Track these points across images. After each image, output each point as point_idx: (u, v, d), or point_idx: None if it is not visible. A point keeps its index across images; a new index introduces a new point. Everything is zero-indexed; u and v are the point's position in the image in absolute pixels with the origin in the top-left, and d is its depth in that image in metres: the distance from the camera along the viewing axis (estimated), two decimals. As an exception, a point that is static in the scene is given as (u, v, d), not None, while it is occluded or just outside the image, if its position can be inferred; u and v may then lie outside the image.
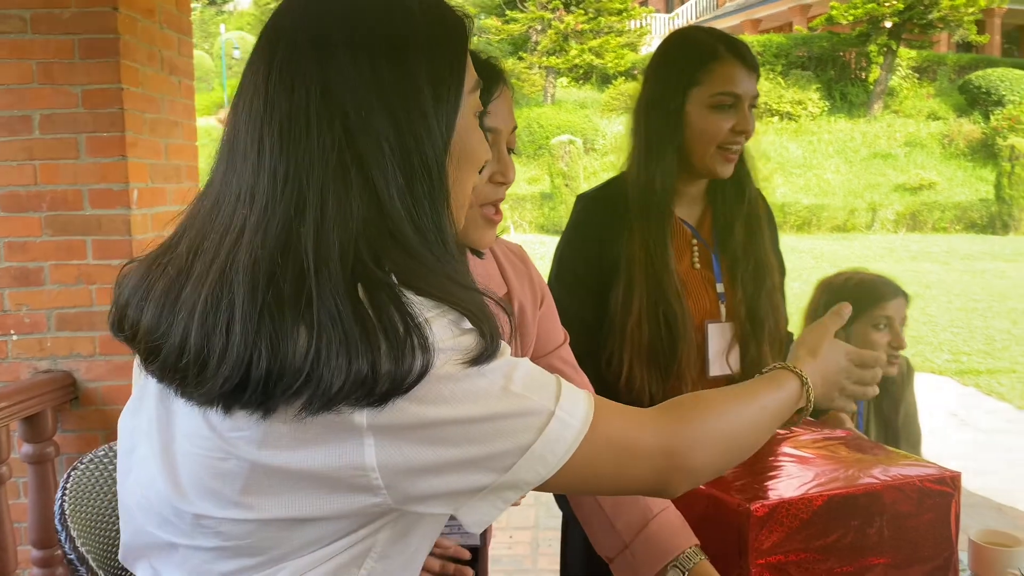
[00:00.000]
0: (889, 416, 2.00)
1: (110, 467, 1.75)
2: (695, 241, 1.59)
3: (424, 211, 0.74)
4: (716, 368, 1.56)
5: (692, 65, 1.50)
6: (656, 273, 1.50)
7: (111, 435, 2.55)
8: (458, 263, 0.78)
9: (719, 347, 1.55)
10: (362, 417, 0.68)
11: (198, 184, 3.03)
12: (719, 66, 1.48)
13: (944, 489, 1.23)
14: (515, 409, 0.73)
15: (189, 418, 0.74)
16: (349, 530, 0.74)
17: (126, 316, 0.79)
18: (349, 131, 0.72)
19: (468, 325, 0.72)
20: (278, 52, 0.74)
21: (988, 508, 3.76)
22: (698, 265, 1.58)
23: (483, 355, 0.72)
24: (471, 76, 0.82)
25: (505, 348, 0.75)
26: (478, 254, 1.18)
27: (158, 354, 0.73)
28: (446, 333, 0.71)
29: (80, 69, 2.49)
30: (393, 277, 0.71)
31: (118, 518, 1.70)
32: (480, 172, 0.87)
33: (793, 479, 1.21)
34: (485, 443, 0.72)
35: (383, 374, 0.66)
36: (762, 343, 1.56)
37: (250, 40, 27.86)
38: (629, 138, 1.59)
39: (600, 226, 1.56)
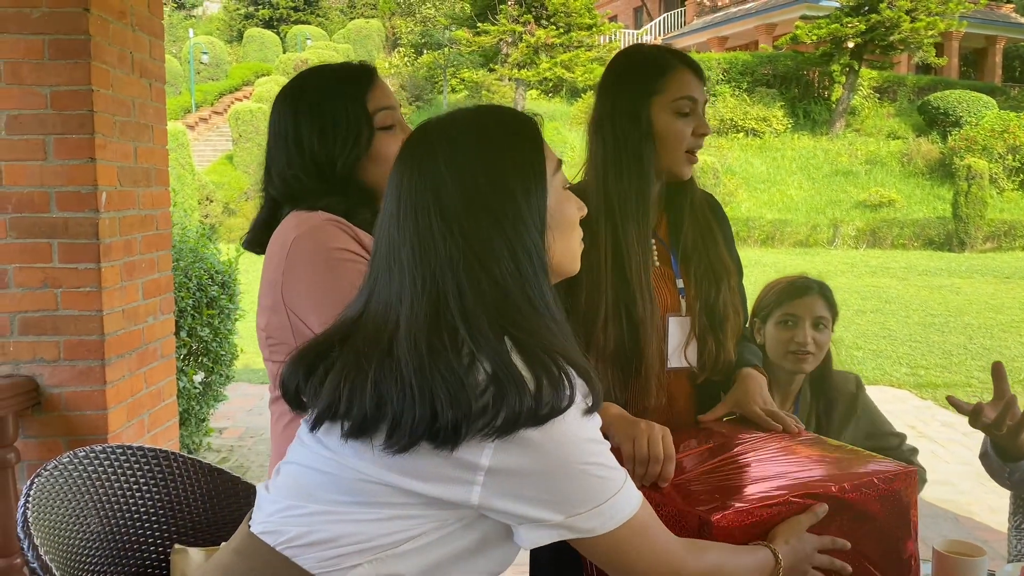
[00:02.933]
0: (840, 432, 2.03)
1: (74, 474, 1.73)
2: (654, 241, 1.65)
3: (532, 284, 0.97)
4: (674, 360, 1.60)
5: (651, 75, 1.58)
6: (626, 273, 1.55)
7: (74, 441, 2.51)
8: (564, 325, 0.99)
9: (678, 340, 1.60)
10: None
11: (168, 188, 3.00)
12: (675, 75, 1.57)
13: (903, 482, 1.26)
14: (604, 471, 0.96)
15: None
16: (435, 508, 0.95)
17: (302, 397, 1.02)
18: (464, 237, 0.95)
19: (585, 381, 0.95)
20: (402, 185, 1.00)
21: (945, 519, 3.84)
22: (658, 263, 1.64)
23: (592, 408, 0.96)
24: (552, 161, 1.04)
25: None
26: None
27: (338, 418, 0.96)
28: (580, 384, 0.95)
29: (49, 70, 2.45)
30: (523, 335, 0.93)
31: (81, 526, 1.68)
32: (367, 147, 1.19)
33: (755, 483, 1.24)
34: (572, 487, 0.94)
35: (545, 402, 0.90)
36: (723, 339, 1.62)
37: (219, 45, 27.63)
38: (590, 149, 1.64)
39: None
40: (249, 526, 1.06)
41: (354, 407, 0.94)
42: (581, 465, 0.94)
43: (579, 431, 0.94)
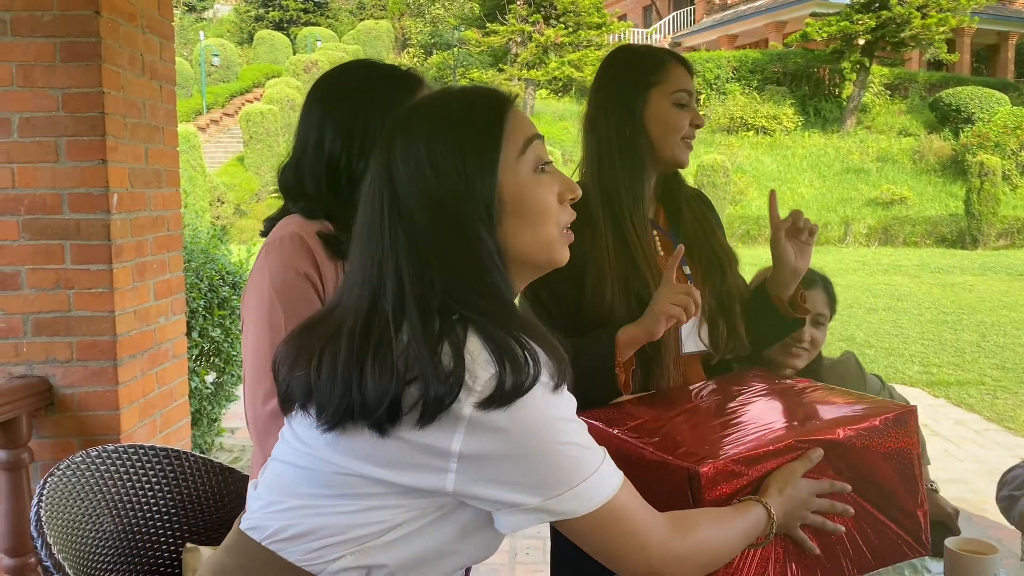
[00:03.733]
0: None
1: (87, 474, 1.74)
2: (655, 232, 1.68)
3: (484, 272, 0.95)
4: (689, 344, 1.63)
5: (649, 69, 1.63)
6: (631, 258, 1.58)
7: (87, 441, 2.53)
8: (524, 310, 0.97)
9: (689, 325, 1.61)
10: (472, 414, 0.89)
11: (179, 189, 3.01)
12: (671, 69, 1.63)
13: (903, 421, 1.24)
14: (579, 452, 0.94)
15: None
16: (411, 497, 0.94)
17: (279, 381, 1.03)
18: (414, 224, 0.94)
19: (548, 359, 0.93)
20: (369, 170, 1.00)
21: (959, 518, 3.82)
22: (662, 252, 1.66)
23: (560, 383, 0.94)
24: (514, 144, 0.98)
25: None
26: None
27: (300, 408, 0.98)
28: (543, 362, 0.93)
29: (61, 72, 2.47)
30: (481, 318, 0.92)
31: (94, 525, 1.70)
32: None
33: (749, 431, 1.22)
34: (547, 469, 0.92)
35: (508, 384, 0.88)
36: (733, 321, 1.65)
37: (230, 47, 27.75)
38: (586, 144, 1.69)
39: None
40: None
41: (308, 395, 0.96)
42: (554, 445, 0.92)
43: (548, 409, 0.92)
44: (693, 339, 1.63)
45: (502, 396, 0.89)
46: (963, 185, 17.22)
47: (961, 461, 4.69)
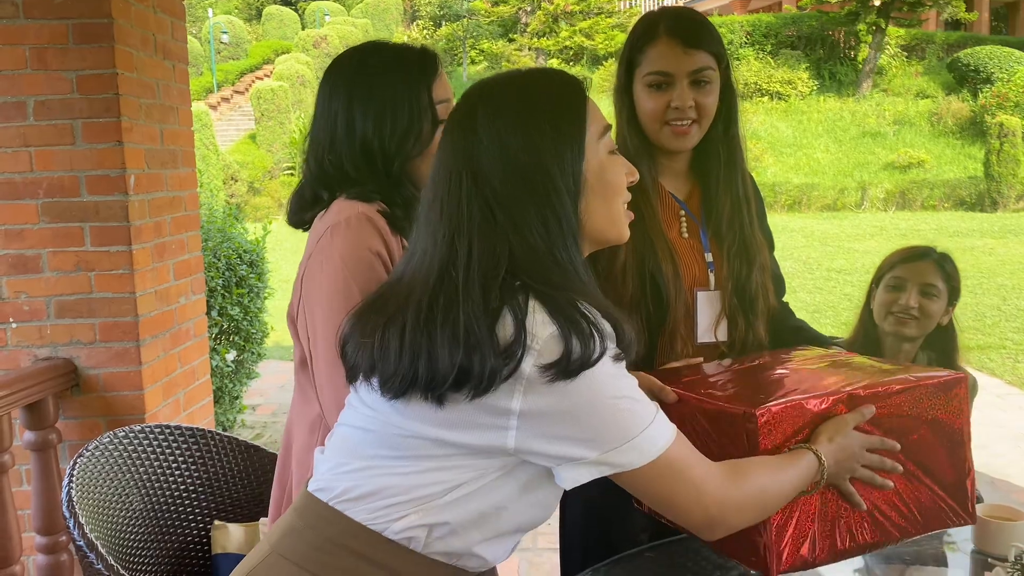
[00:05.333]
0: None
1: (115, 454, 1.76)
2: (683, 213, 1.62)
3: (560, 247, 0.99)
4: (706, 336, 1.58)
5: (635, 47, 1.56)
6: (645, 232, 1.53)
7: (113, 422, 2.56)
8: (591, 282, 1.02)
9: (708, 316, 1.58)
10: (534, 379, 0.93)
11: (194, 169, 3.02)
12: (654, 47, 1.53)
13: (953, 389, 1.24)
14: (633, 405, 0.98)
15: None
16: (474, 457, 0.98)
17: (346, 354, 1.07)
18: (495, 198, 0.98)
19: (613, 331, 0.97)
20: (442, 146, 1.04)
21: (981, 482, 3.80)
22: (686, 235, 1.61)
23: (621, 356, 0.98)
24: (597, 124, 1.05)
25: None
26: None
27: (368, 376, 1.02)
28: (608, 334, 0.97)
29: (74, 54, 2.46)
30: (548, 289, 0.95)
31: (124, 504, 1.73)
32: (428, 142, 1.18)
33: (797, 387, 1.22)
34: (603, 423, 0.96)
35: (575, 357, 0.92)
36: (752, 320, 1.59)
37: (239, 24, 27.63)
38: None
39: None
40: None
41: (372, 367, 1.00)
42: (610, 400, 0.96)
43: (608, 377, 0.96)
44: (709, 332, 1.59)
45: (568, 367, 0.92)
46: (982, 147, 16.96)
47: (983, 425, 4.66)
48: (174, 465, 1.86)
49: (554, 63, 22.76)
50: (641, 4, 25.65)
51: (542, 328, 0.93)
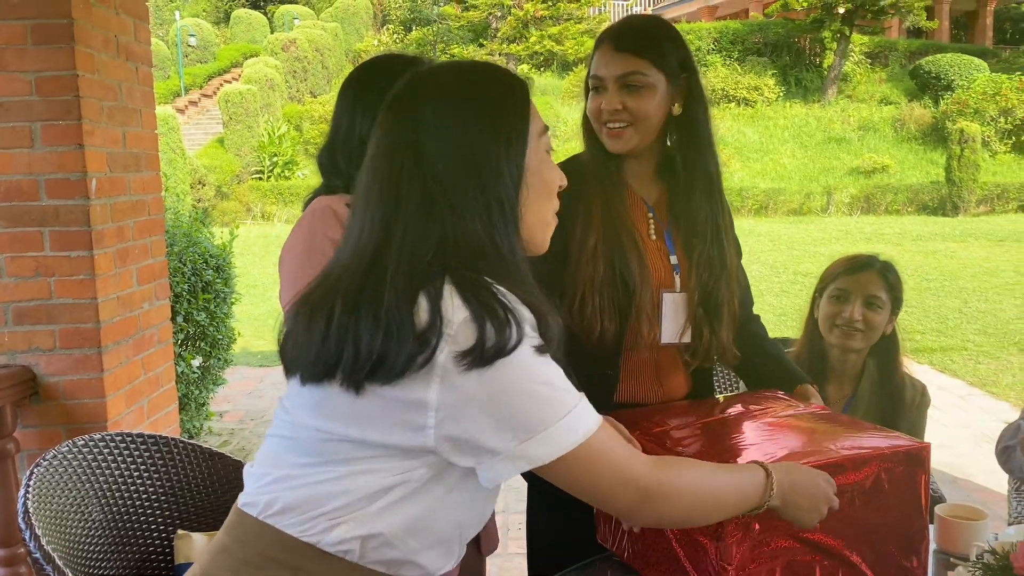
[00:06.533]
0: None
1: (74, 463, 1.72)
2: (650, 215, 1.63)
3: (501, 233, 0.98)
4: (670, 338, 1.60)
5: (591, 56, 1.62)
6: (614, 224, 1.55)
7: (74, 430, 2.50)
8: (526, 272, 1.01)
9: (672, 318, 1.59)
10: (449, 370, 0.91)
11: (158, 173, 2.97)
12: (596, 53, 1.59)
13: (915, 460, 1.25)
14: (552, 393, 0.95)
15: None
16: (396, 459, 0.96)
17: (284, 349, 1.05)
18: (436, 180, 0.96)
19: (534, 319, 0.95)
20: (382, 128, 1.02)
21: (943, 481, 3.87)
22: (653, 236, 1.62)
23: (543, 346, 0.96)
24: (537, 124, 1.05)
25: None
26: None
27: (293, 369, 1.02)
28: (528, 321, 0.95)
29: (33, 55, 2.41)
30: (486, 278, 0.94)
31: (83, 515, 1.68)
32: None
33: (765, 452, 1.23)
34: (518, 412, 0.93)
35: (489, 344, 0.90)
36: (717, 329, 1.60)
37: (206, 27, 27.35)
38: None
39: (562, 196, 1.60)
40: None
41: (299, 352, 0.99)
42: (526, 389, 0.94)
43: (525, 360, 0.94)
44: (674, 336, 1.61)
45: (484, 354, 0.91)
46: (943, 152, 17.27)
47: (945, 426, 4.74)
48: (135, 474, 1.82)
49: (524, 68, 22.81)
50: (611, 11, 25.80)
51: (456, 313, 0.91)
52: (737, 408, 1.46)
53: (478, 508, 1.05)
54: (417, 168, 0.97)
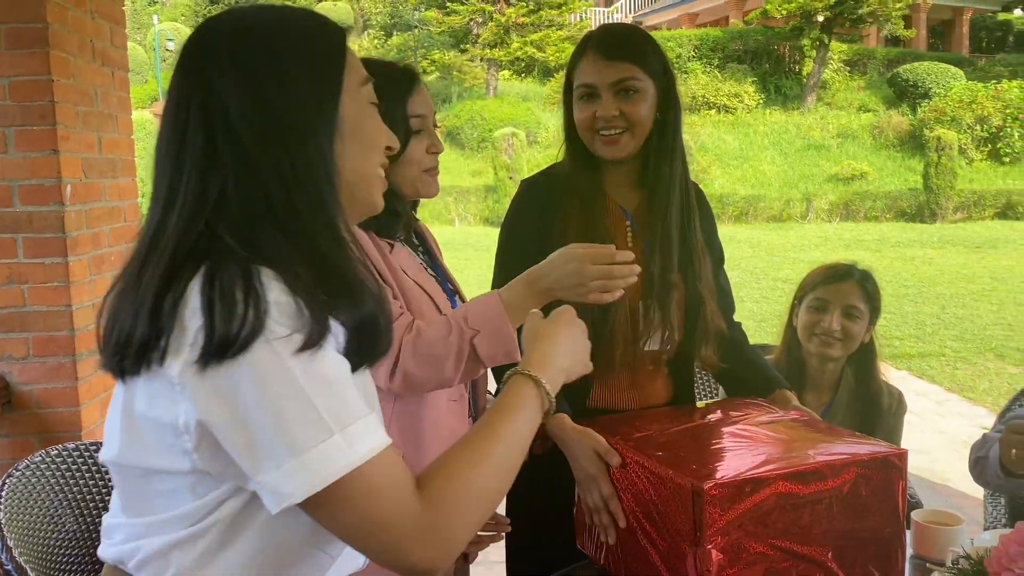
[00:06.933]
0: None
1: (47, 473, 1.70)
2: (628, 223, 1.64)
3: (301, 185, 0.84)
4: (647, 344, 1.62)
5: (571, 64, 1.63)
6: (592, 240, 1.53)
7: (48, 439, 2.47)
8: (343, 238, 0.87)
9: (650, 325, 1.61)
10: (185, 375, 0.77)
11: (135, 179, 2.94)
12: (581, 62, 1.59)
13: (892, 466, 1.26)
14: (306, 412, 0.77)
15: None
16: (195, 497, 0.83)
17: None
18: (225, 127, 0.83)
19: (306, 310, 0.79)
20: (174, 78, 0.88)
21: (921, 487, 3.89)
22: (631, 244, 1.63)
23: (307, 344, 0.78)
24: (356, 74, 0.92)
25: (330, 341, 0.81)
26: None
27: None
28: (283, 312, 0.78)
29: (6, 60, 2.39)
30: (257, 253, 0.80)
31: (56, 526, 1.66)
32: (401, 150, 1.19)
33: (744, 459, 1.23)
34: (257, 432, 0.76)
35: (217, 336, 0.75)
36: (693, 331, 1.63)
37: (185, 31, 27.17)
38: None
39: (540, 206, 1.63)
40: None
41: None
42: (270, 401, 0.76)
43: (284, 363, 0.77)
44: (652, 342, 1.62)
45: (210, 352, 0.75)
46: (921, 160, 17.46)
47: (923, 432, 4.79)
48: (111, 484, 1.80)
49: (506, 75, 22.87)
50: (592, 18, 25.93)
51: (190, 313, 0.77)
52: (717, 415, 1.46)
53: (324, 552, 0.90)
54: (203, 114, 0.83)
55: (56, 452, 1.73)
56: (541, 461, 1.29)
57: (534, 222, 1.61)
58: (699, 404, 1.62)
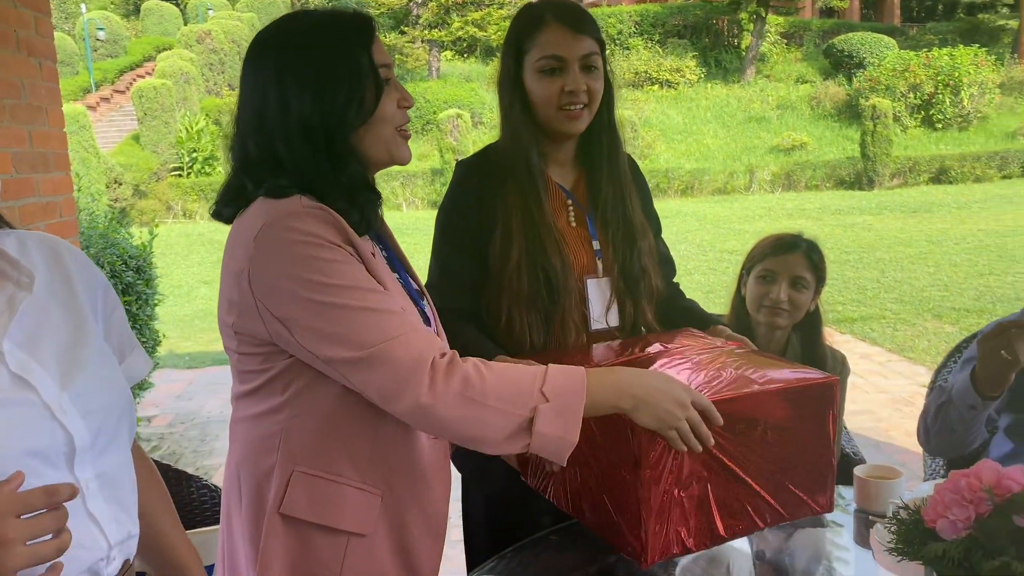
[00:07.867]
0: None
1: None
2: (569, 202, 1.64)
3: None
4: (598, 323, 1.62)
5: (522, 35, 1.58)
6: (535, 227, 1.56)
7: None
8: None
9: (599, 303, 1.61)
10: None
11: (69, 173, 2.86)
12: (543, 33, 1.55)
13: (823, 393, 1.30)
14: None
15: None
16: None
17: None
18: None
19: None
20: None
21: (865, 445, 4.02)
22: (574, 223, 1.63)
23: None
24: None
25: None
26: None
27: None
28: None
29: (-75, 53, 2.30)
30: None
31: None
32: (373, 107, 1.17)
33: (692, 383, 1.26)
34: None
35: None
36: (639, 300, 1.64)
37: (115, 19, 26.33)
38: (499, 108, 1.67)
39: (479, 187, 1.61)
40: None
41: None
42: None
43: None
44: (602, 320, 1.62)
45: None
46: (858, 129, 17.86)
47: (867, 392, 4.94)
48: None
49: (448, 55, 22.69)
50: (532, -5, 25.81)
51: None
52: (656, 347, 1.48)
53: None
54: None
55: None
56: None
57: (474, 200, 1.59)
58: (641, 336, 1.61)
